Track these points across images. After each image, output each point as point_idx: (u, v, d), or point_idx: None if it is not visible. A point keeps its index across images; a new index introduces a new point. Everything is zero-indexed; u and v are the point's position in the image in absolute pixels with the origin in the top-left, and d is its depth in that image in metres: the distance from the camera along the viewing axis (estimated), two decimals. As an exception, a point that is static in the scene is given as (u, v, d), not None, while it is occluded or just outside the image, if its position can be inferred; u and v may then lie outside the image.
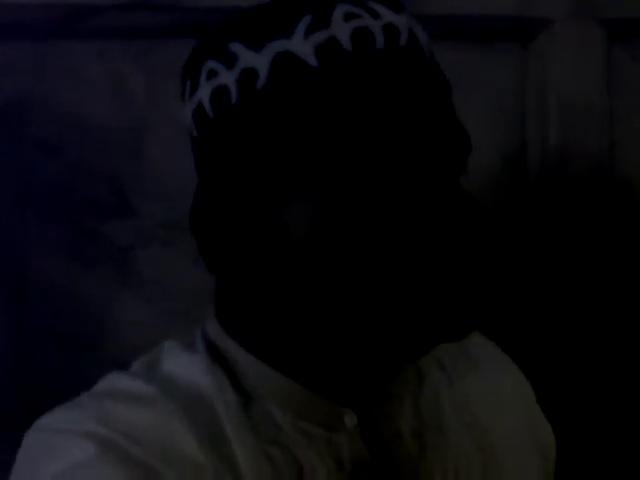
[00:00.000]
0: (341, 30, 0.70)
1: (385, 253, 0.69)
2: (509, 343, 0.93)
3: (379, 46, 0.70)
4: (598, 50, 1.25)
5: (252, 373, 0.74)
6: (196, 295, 1.06)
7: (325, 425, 0.74)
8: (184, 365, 0.75)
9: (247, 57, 0.70)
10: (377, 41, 0.70)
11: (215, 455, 0.70)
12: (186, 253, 1.17)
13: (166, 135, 1.20)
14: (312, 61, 0.69)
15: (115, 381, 0.75)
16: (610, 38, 1.25)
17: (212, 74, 0.71)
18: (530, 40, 1.25)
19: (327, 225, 0.69)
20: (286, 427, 0.73)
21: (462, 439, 0.82)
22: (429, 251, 0.70)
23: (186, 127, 0.76)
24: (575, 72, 1.24)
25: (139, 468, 0.67)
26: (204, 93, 0.72)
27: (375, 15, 0.71)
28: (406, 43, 0.71)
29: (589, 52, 1.24)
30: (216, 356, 0.75)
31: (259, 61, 0.69)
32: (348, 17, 0.70)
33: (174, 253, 1.20)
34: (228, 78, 0.70)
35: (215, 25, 0.74)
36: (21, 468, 0.70)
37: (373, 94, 0.69)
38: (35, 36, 1.15)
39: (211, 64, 0.72)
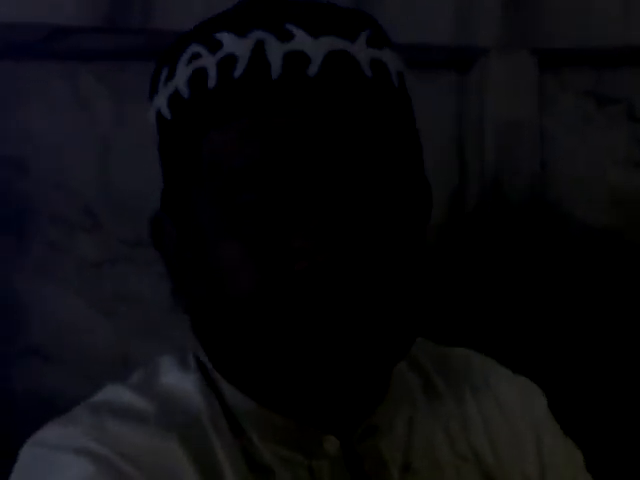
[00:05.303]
0: (181, 77, 0.68)
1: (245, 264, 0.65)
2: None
3: (211, 85, 0.67)
4: (530, 77, 1.31)
5: (233, 400, 0.72)
6: (161, 311, 1.11)
7: (305, 452, 0.72)
8: (180, 382, 0.73)
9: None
10: (209, 79, 0.67)
11: (208, 479, 0.68)
12: (150, 269, 1.19)
13: (131, 154, 1.22)
14: (167, 114, 0.69)
15: (114, 394, 0.73)
16: (541, 66, 1.31)
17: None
18: (466, 69, 1.31)
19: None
20: (268, 455, 0.71)
21: (458, 474, 0.77)
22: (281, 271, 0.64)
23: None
24: (509, 97, 1.31)
25: None
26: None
27: (214, 47, 0.67)
28: (248, 72, 0.65)
29: (522, 79, 1.31)
30: (207, 378, 0.73)
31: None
32: (190, 60, 0.68)
33: (138, 269, 1.22)
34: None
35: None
36: None
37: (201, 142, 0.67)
38: (3, 55, 1.17)
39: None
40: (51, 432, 0.69)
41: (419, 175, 0.72)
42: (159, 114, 0.71)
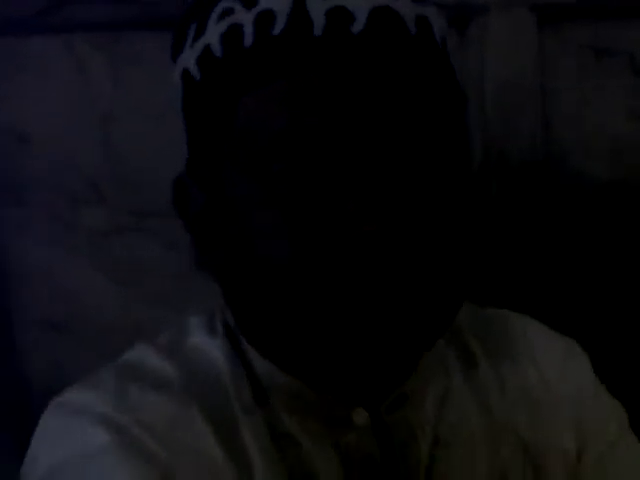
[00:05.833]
0: (213, 34, 0.64)
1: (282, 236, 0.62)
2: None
3: (247, 43, 0.63)
4: (529, 34, 1.30)
5: (259, 369, 0.71)
6: (172, 280, 1.11)
7: (333, 424, 0.71)
8: (207, 347, 0.72)
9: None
10: (245, 36, 0.63)
11: (230, 452, 0.67)
12: (157, 238, 1.21)
13: (130, 124, 1.23)
14: (196, 74, 0.65)
15: (141, 356, 0.72)
16: (540, 23, 1.31)
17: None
18: (466, 27, 1.31)
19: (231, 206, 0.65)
20: (294, 427, 0.70)
21: (492, 447, 0.76)
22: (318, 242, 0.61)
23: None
24: (509, 55, 1.30)
25: (153, 463, 0.64)
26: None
27: (249, 2, 0.63)
28: (288, 28, 0.62)
29: (521, 36, 1.30)
30: (234, 344, 0.72)
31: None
32: (222, 15, 0.64)
33: (146, 238, 1.22)
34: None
35: None
36: (36, 443, 0.68)
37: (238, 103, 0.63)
38: (2, 30, 1.18)
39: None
40: (74, 396, 0.69)
41: (463, 136, 0.68)
42: (186, 74, 0.67)
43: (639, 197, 1.35)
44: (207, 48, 0.64)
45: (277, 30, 0.61)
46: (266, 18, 0.62)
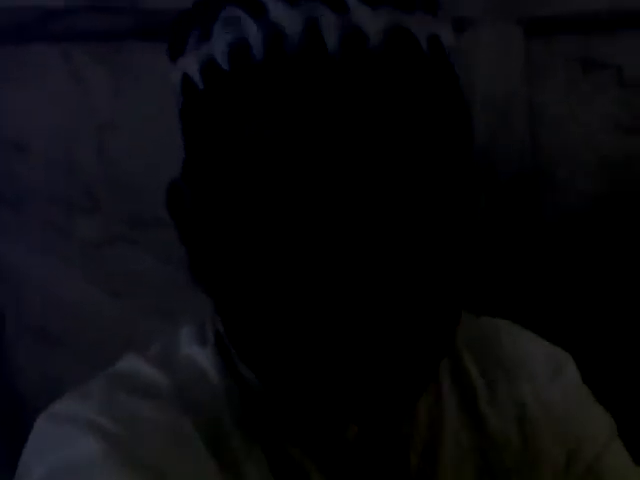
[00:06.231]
0: (218, 44, 0.61)
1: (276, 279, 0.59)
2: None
3: (257, 59, 0.59)
4: (517, 47, 1.32)
5: (251, 382, 0.70)
6: (165, 291, 1.11)
7: (324, 436, 0.69)
8: (198, 358, 0.71)
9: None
10: (255, 51, 0.59)
11: (222, 463, 0.66)
12: (151, 249, 1.21)
13: (128, 134, 1.23)
14: (199, 83, 0.62)
15: (132, 367, 0.71)
16: (527, 34, 1.32)
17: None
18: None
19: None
20: (286, 437, 0.69)
21: (483, 460, 0.75)
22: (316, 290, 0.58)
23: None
24: (497, 68, 1.31)
25: (144, 472, 0.62)
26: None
27: (257, 11, 0.59)
28: (303, 46, 0.58)
29: (509, 49, 1.32)
30: (225, 354, 0.71)
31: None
32: (228, 24, 0.60)
33: (140, 249, 1.23)
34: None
35: None
36: (27, 453, 0.67)
37: (249, 121, 0.59)
38: (1, 39, 1.19)
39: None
40: (65, 405, 0.68)
41: (468, 168, 0.64)
42: (187, 80, 0.64)
43: (626, 209, 1.35)
44: (212, 59, 0.61)
45: (289, 48, 0.58)
46: (276, 33, 0.59)
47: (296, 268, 0.59)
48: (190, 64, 0.63)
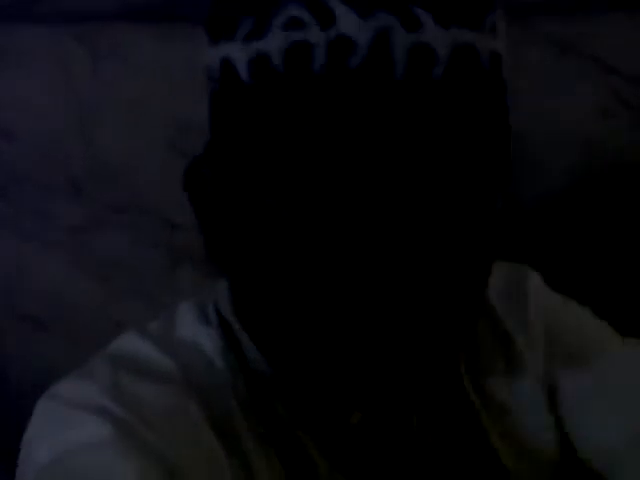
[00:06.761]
0: (274, 43, 0.58)
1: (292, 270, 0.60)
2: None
3: (316, 68, 0.57)
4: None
5: (255, 363, 0.70)
6: (152, 276, 1.10)
7: (328, 422, 0.70)
8: (200, 338, 0.71)
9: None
10: (315, 59, 0.57)
11: (228, 446, 0.66)
12: (138, 234, 1.21)
13: (114, 118, 1.23)
14: (245, 76, 0.60)
15: (133, 345, 0.70)
16: (507, 17, 1.33)
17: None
18: None
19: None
20: (290, 419, 0.69)
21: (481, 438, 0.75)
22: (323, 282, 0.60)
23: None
24: None
25: (152, 456, 0.62)
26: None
27: (324, 18, 0.57)
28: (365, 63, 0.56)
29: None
30: (228, 335, 0.71)
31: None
32: (290, 25, 0.57)
33: (126, 234, 1.22)
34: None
35: None
36: (30, 435, 0.66)
37: (298, 131, 0.58)
38: None
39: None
40: (68, 387, 0.67)
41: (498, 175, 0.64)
42: (228, 66, 0.61)
43: (606, 192, 1.37)
44: (266, 56, 0.58)
45: (354, 62, 0.56)
46: (343, 45, 0.56)
47: (312, 252, 0.59)
48: (237, 52, 0.60)
